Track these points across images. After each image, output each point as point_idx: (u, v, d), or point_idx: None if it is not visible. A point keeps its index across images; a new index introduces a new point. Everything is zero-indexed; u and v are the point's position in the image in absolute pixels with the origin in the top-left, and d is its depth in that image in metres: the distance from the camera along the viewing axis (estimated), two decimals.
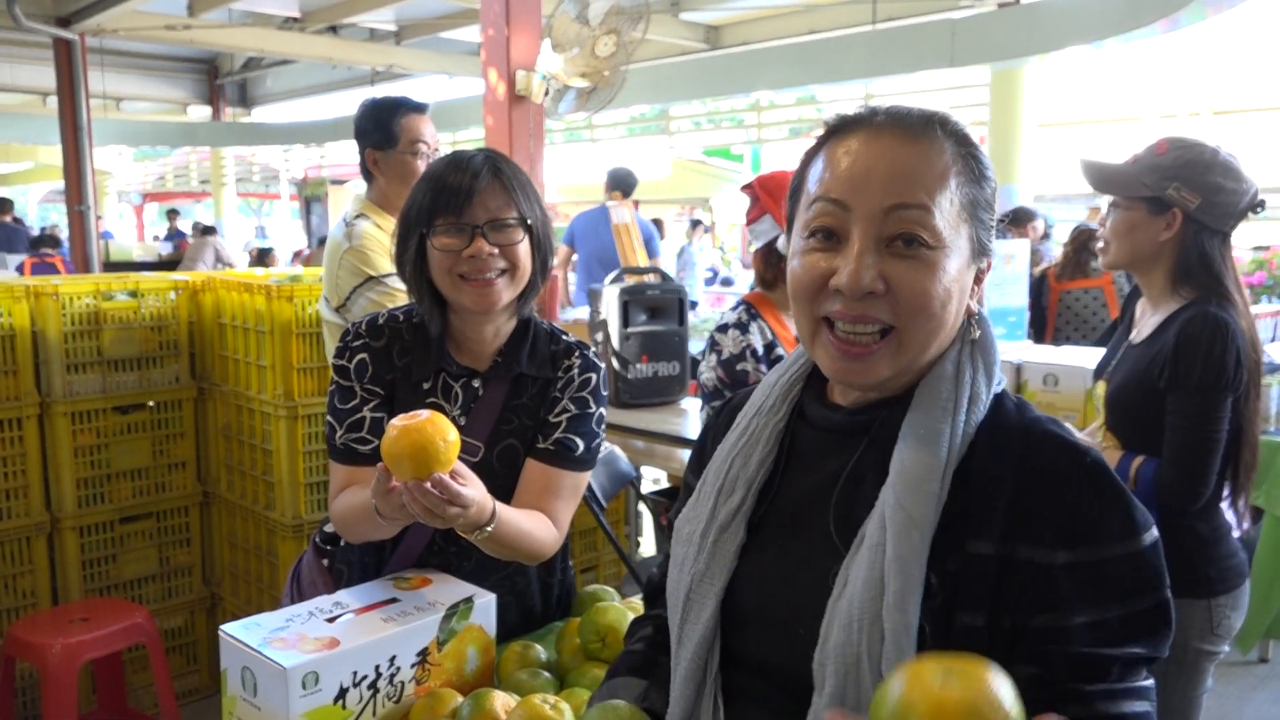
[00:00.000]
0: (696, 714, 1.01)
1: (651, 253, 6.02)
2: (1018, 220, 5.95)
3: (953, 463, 0.92)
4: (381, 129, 2.55)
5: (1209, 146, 1.97)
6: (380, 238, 2.48)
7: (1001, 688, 0.72)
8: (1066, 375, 3.01)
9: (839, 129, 0.99)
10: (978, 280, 1.00)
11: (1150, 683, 0.93)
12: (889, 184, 0.93)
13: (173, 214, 18.33)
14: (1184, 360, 1.87)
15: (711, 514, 1.05)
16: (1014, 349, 3.48)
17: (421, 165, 2.56)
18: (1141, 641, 0.90)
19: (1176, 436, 1.90)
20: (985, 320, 1.03)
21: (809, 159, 1.02)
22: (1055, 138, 11.40)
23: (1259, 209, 1.97)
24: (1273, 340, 3.88)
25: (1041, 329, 4.86)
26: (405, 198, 2.52)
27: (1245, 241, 8.91)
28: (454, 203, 1.52)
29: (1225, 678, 3.52)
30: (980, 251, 0.98)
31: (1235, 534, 2.03)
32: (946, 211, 0.93)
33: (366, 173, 2.64)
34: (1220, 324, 1.87)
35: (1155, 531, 0.93)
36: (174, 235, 16.23)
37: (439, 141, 2.66)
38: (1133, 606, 0.90)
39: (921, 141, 0.94)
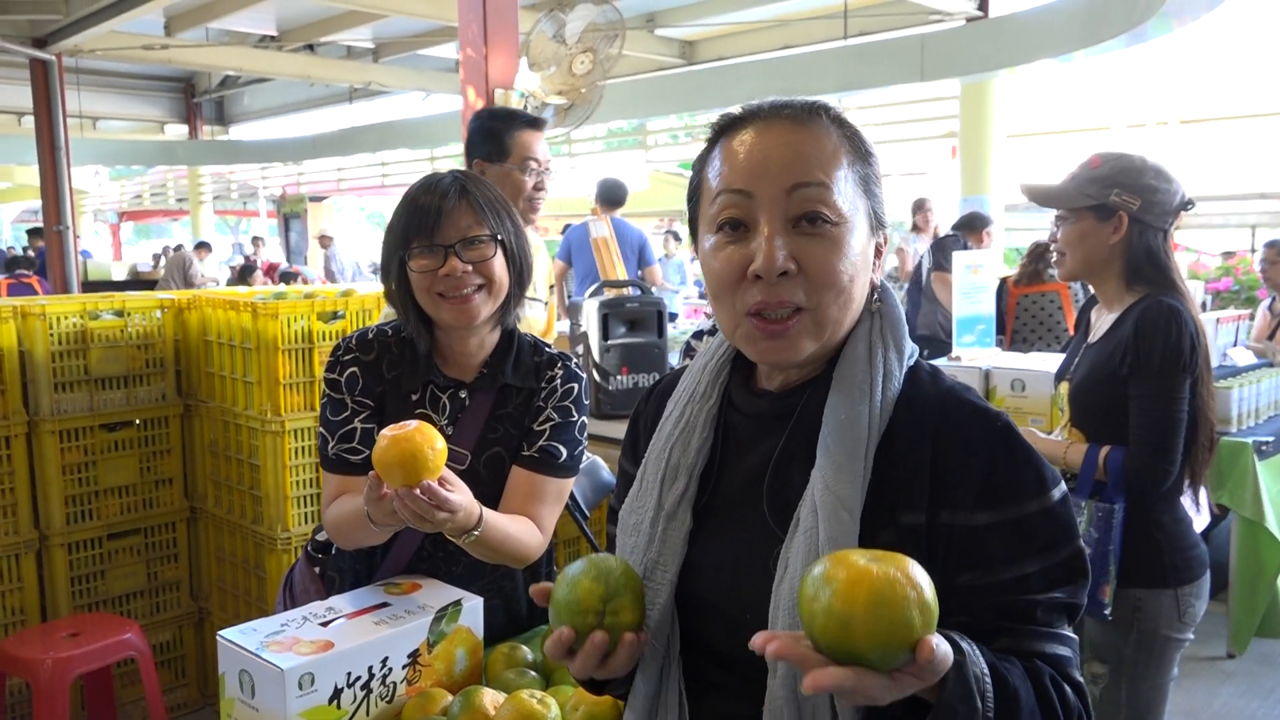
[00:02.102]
0: (662, 696, 1.05)
1: (645, 261, 6.03)
2: (971, 226, 6.06)
3: (874, 440, 0.98)
4: (494, 140, 2.50)
5: (1136, 155, 2.13)
6: None
7: (919, 573, 0.79)
8: (1033, 380, 3.10)
9: (728, 127, 1.03)
10: (878, 254, 1.05)
11: (1074, 635, 0.99)
12: (787, 166, 0.97)
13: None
14: (1143, 346, 1.99)
15: (658, 503, 1.08)
16: (983, 355, 3.58)
17: (530, 182, 2.53)
18: (1061, 589, 0.97)
19: (1141, 418, 2.01)
20: (887, 291, 1.07)
21: (704, 160, 1.05)
22: (1025, 148, 11.57)
23: (1189, 206, 2.11)
24: (1235, 344, 3.99)
25: (1000, 333, 5.00)
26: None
27: (1214, 248, 9.09)
28: (425, 224, 1.58)
29: (1194, 673, 3.61)
30: (877, 225, 1.04)
31: (1199, 526, 2.14)
32: (844, 189, 0.98)
33: None
34: (1174, 311, 1.99)
35: (1064, 486, 0.99)
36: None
37: (549, 160, 2.61)
38: (1050, 559, 0.96)
39: (810, 126, 0.99)
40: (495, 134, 2.51)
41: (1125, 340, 2.02)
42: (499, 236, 1.63)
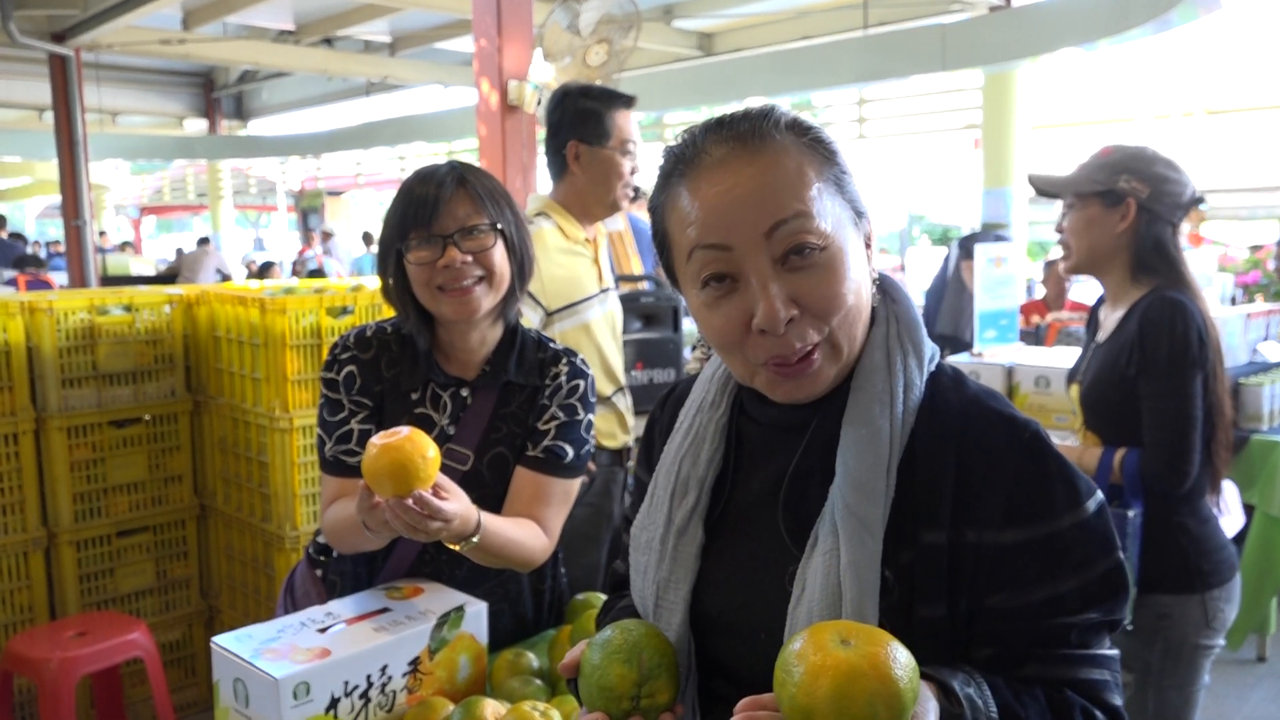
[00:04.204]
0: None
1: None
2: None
3: (895, 456, 0.92)
4: (593, 121, 2.35)
5: (1149, 147, 2.06)
6: (555, 242, 2.32)
7: (894, 659, 0.75)
8: (1058, 377, 3.02)
9: (677, 166, 0.96)
10: (867, 244, 0.98)
11: (1114, 653, 0.93)
12: (758, 207, 0.90)
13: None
14: (1149, 343, 1.92)
15: (668, 518, 1.03)
16: (1006, 352, 3.50)
17: (629, 166, 2.39)
18: (1098, 608, 0.90)
19: (1154, 418, 1.94)
20: (893, 284, 1.01)
21: (662, 208, 0.98)
22: (1049, 140, 11.42)
23: (1199, 202, 2.05)
24: (1265, 339, 3.89)
25: None
26: (603, 200, 2.40)
27: (1241, 240, 8.94)
28: (422, 215, 1.52)
29: (1223, 676, 3.52)
30: (859, 218, 0.97)
31: (1232, 528, 2.06)
32: (822, 207, 0.91)
33: (559, 168, 2.42)
34: (1178, 305, 1.92)
35: (1100, 496, 0.93)
36: None
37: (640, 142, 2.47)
38: (1086, 575, 0.90)
39: (765, 152, 0.92)
40: (595, 114, 2.35)
41: (1131, 339, 1.95)
42: (499, 226, 1.57)
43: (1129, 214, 2.01)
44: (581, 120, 2.37)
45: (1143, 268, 2.02)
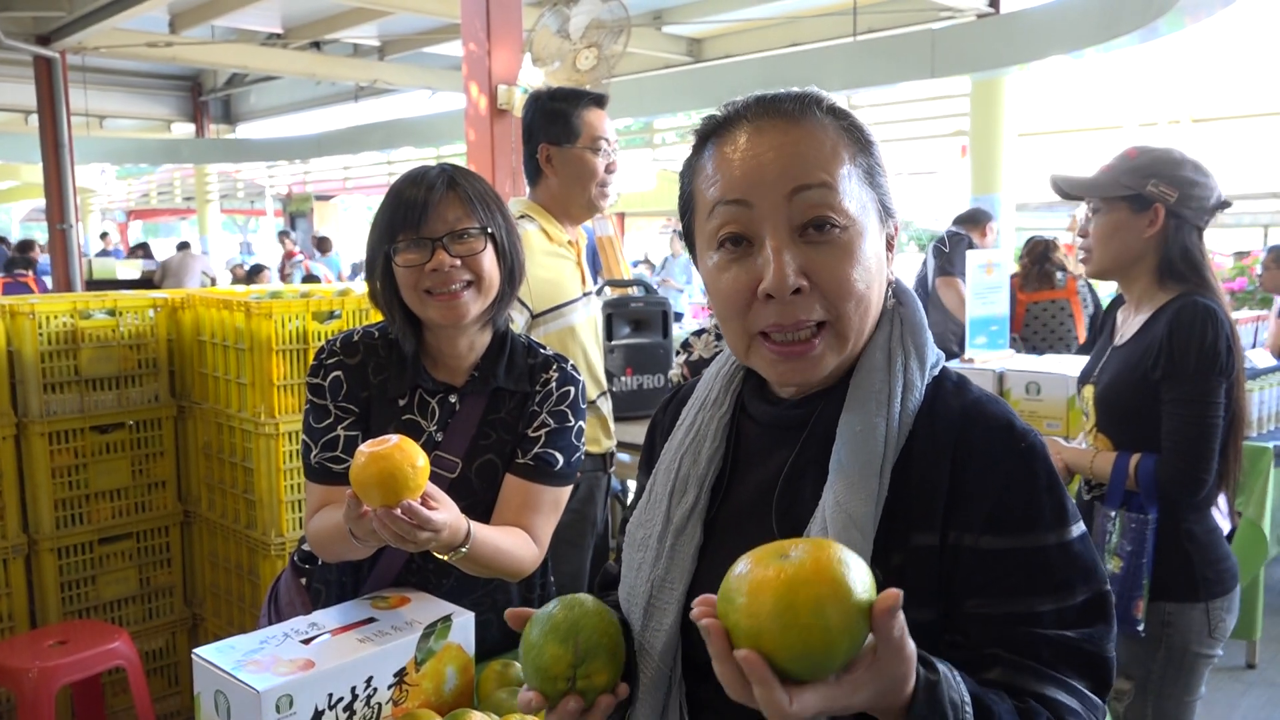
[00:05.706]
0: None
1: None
2: (975, 220, 5.86)
3: (891, 456, 0.90)
4: (560, 122, 2.36)
5: (1175, 149, 2.04)
6: (540, 244, 2.32)
7: (840, 557, 0.70)
8: (1049, 383, 3.02)
9: (715, 131, 0.96)
10: (890, 246, 0.97)
11: (1090, 697, 0.88)
12: (785, 170, 0.90)
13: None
14: (1178, 348, 1.89)
15: (666, 517, 1.02)
16: (996, 358, 3.49)
17: (603, 164, 2.39)
18: (1074, 629, 0.88)
19: (1176, 424, 1.91)
20: (904, 290, 1.00)
21: (692, 169, 0.98)
22: (1037, 147, 11.47)
23: (1226, 205, 2.03)
24: (1253, 346, 3.90)
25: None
26: (578, 200, 2.41)
27: (1227, 248, 8.98)
28: (411, 217, 1.50)
29: (1213, 683, 3.52)
30: (887, 216, 0.96)
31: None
32: (849, 188, 0.91)
33: (534, 172, 2.43)
34: (1210, 311, 1.90)
35: (1083, 526, 0.91)
36: None
37: (617, 140, 2.47)
38: (1066, 600, 0.88)
39: (804, 123, 0.92)
40: (561, 115, 2.36)
41: (1158, 342, 1.92)
42: (489, 230, 1.55)
43: (1157, 220, 1.98)
44: (550, 122, 2.38)
45: (1169, 273, 1.99)
